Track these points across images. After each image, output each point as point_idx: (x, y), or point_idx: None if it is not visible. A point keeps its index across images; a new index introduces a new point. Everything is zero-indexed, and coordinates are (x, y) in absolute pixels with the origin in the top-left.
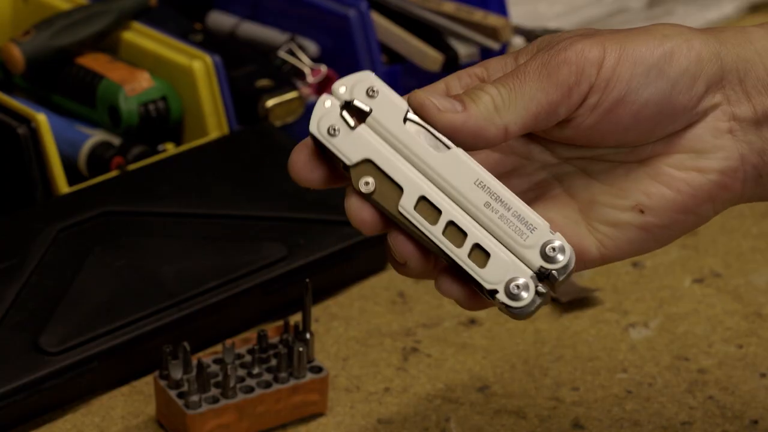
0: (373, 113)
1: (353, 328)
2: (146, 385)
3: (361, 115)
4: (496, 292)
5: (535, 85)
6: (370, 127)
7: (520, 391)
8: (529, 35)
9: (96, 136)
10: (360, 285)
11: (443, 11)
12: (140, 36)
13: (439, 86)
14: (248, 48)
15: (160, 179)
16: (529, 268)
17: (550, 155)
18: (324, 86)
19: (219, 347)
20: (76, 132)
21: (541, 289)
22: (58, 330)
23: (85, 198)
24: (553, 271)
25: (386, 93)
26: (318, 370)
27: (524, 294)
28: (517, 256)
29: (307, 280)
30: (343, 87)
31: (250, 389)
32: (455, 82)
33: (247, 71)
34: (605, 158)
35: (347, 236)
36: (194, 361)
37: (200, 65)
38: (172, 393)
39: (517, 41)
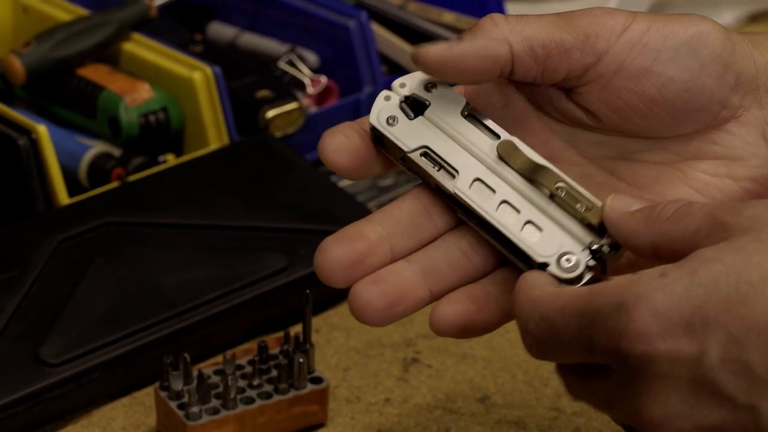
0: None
1: (354, 338)
2: (147, 396)
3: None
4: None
5: (550, 20)
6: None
7: (521, 402)
8: None
9: (96, 147)
10: None
11: (443, 22)
12: (141, 47)
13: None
14: (248, 59)
15: (161, 190)
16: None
17: (576, 154)
18: (324, 97)
19: (219, 358)
20: (76, 143)
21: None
22: (58, 341)
23: (86, 209)
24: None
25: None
26: (318, 380)
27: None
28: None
29: (308, 290)
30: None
31: (251, 400)
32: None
33: (248, 82)
34: (633, 157)
35: None
36: (195, 372)
37: (200, 76)
38: (173, 404)
39: None
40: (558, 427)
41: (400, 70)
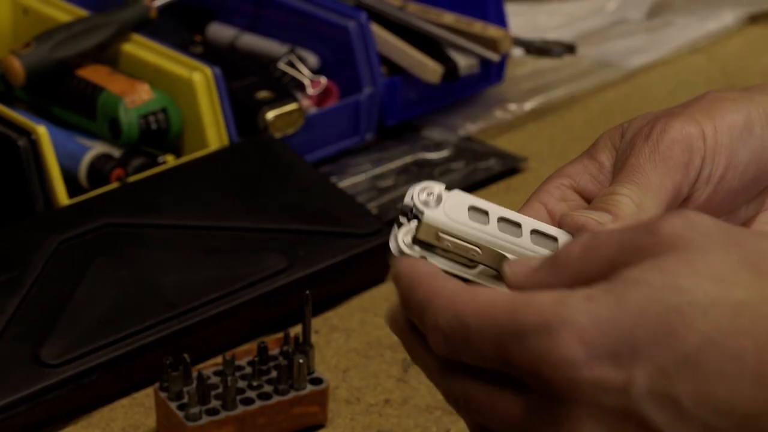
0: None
1: (353, 339)
2: (147, 397)
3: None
4: None
5: (657, 173)
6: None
7: None
8: (529, 46)
9: (96, 148)
10: (360, 296)
11: (443, 23)
12: (140, 48)
13: (544, 207)
14: (248, 60)
15: (161, 191)
16: None
17: None
18: (324, 98)
19: (219, 359)
20: (76, 144)
21: None
22: (58, 342)
23: (86, 210)
24: None
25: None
26: (318, 381)
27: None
28: None
29: (308, 291)
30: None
31: (251, 401)
32: (550, 198)
33: (247, 83)
34: None
35: (347, 248)
36: (194, 373)
37: (200, 77)
38: (173, 405)
39: (517, 52)
40: None
41: (399, 71)
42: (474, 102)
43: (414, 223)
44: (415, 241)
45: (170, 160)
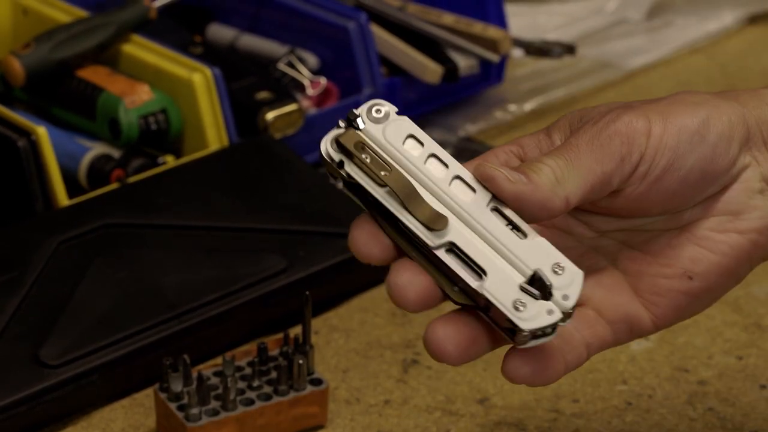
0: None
1: (353, 340)
2: (146, 397)
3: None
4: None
5: (591, 157)
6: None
7: (520, 403)
8: (528, 47)
9: (96, 149)
10: (360, 297)
11: (442, 23)
12: (140, 49)
13: (490, 160)
14: (248, 60)
15: (160, 192)
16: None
17: (587, 229)
18: (324, 98)
19: (219, 360)
20: (76, 145)
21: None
22: (58, 342)
23: (86, 210)
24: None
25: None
26: (318, 382)
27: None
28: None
29: (307, 292)
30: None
31: (251, 402)
32: (495, 159)
33: (247, 84)
34: (645, 228)
35: (347, 248)
36: (194, 374)
37: (200, 78)
38: (173, 406)
39: (516, 53)
40: (557, 429)
41: (399, 72)
42: (474, 103)
43: (343, 129)
44: (339, 145)
45: (170, 161)
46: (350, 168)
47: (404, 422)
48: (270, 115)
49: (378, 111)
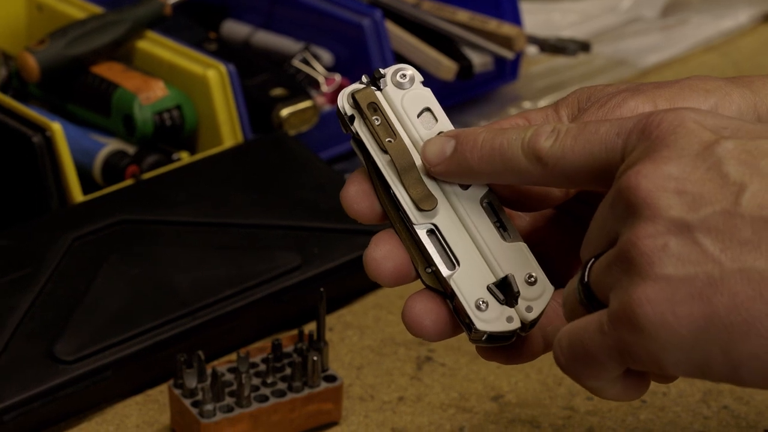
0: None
1: (367, 337)
2: (161, 393)
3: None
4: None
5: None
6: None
7: (534, 401)
8: (543, 44)
9: (111, 145)
10: (374, 294)
11: (457, 20)
12: (155, 45)
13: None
14: (262, 57)
15: (175, 188)
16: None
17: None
18: (338, 95)
19: (233, 356)
20: (90, 141)
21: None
22: (73, 338)
23: (100, 207)
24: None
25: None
26: (332, 379)
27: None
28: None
29: (322, 289)
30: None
31: (265, 398)
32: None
33: (262, 80)
34: None
35: (361, 245)
36: (209, 370)
37: (215, 74)
38: (187, 402)
39: (531, 50)
40: (572, 426)
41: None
42: (488, 100)
43: (364, 86)
44: (354, 100)
45: (185, 157)
46: (359, 125)
47: (418, 419)
48: (284, 112)
49: (403, 76)
